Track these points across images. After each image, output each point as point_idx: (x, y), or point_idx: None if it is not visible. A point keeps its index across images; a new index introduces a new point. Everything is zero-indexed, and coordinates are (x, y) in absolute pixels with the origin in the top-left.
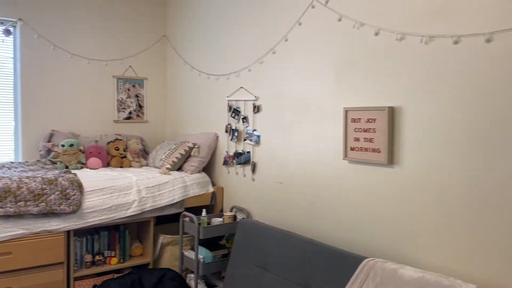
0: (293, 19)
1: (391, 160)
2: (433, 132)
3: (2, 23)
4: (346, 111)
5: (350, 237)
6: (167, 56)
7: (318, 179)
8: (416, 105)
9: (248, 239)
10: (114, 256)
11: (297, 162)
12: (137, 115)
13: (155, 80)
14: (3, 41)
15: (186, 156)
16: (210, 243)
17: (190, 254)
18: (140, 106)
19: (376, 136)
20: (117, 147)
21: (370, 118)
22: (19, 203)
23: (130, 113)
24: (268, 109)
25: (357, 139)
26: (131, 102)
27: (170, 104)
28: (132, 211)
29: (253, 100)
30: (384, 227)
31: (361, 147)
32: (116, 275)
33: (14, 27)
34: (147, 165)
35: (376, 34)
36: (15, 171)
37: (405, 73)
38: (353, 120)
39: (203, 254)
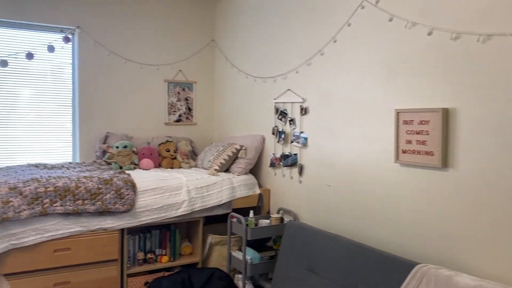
0: (342, 20)
1: (445, 163)
2: (490, 134)
3: (62, 31)
4: (398, 113)
5: (401, 242)
6: (215, 59)
7: (367, 182)
8: (473, 106)
9: (295, 241)
10: (165, 255)
11: (345, 164)
12: (187, 118)
13: (203, 83)
14: (62, 48)
15: (234, 158)
16: (257, 244)
17: (238, 254)
18: (189, 109)
19: (429, 138)
20: (167, 149)
21: (423, 120)
22: (77, 202)
23: (180, 115)
24: (316, 111)
25: (409, 142)
26: (181, 105)
27: (217, 107)
28: (182, 210)
29: (300, 102)
30: (437, 232)
31: (413, 150)
32: (166, 273)
33: (73, 34)
34: (196, 166)
35: (430, 33)
36: (73, 171)
37: (460, 73)
38: (405, 122)
39: (251, 255)
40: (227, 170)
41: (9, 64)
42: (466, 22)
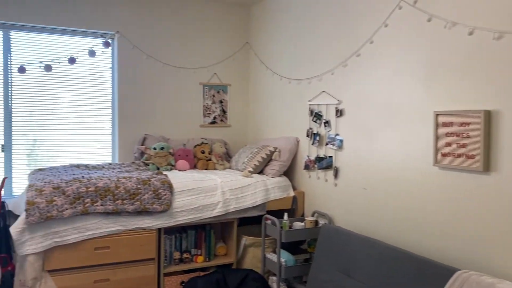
0: (379, 21)
1: (487, 166)
2: None
3: (102, 36)
4: (437, 115)
5: (439, 247)
6: (249, 62)
7: (405, 185)
8: None
9: (330, 244)
10: (200, 255)
11: (382, 167)
12: (221, 120)
13: (238, 86)
14: (103, 53)
15: (268, 160)
16: (291, 247)
17: (272, 256)
18: (224, 111)
19: (470, 141)
20: (203, 150)
21: (464, 122)
22: (117, 202)
23: (214, 118)
24: (352, 112)
25: (448, 144)
26: (216, 108)
27: (252, 109)
28: (217, 211)
29: (336, 103)
30: (478, 238)
31: (453, 153)
32: (201, 273)
33: (113, 39)
34: (230, 168)
35: (470, 33)
36: (113, 171)
37: (502, 74)
38: (445, 125)
39: (285, 257)
40: (261, 172)
41: (52, 68)
42: (509, 20)
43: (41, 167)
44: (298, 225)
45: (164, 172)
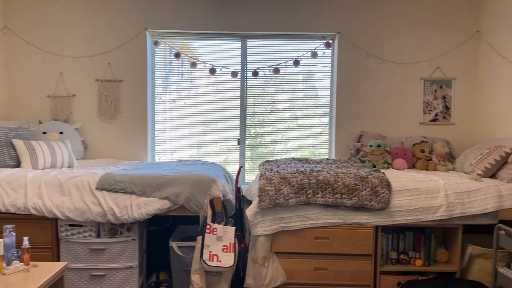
0: None
1: None
2: None
3: (324, 37)
4: None
5: None
6: (479, 53)
7: None
8: None
9: None
10: (419, 258)
11: None
12: (443, 117)
13: (464, 79)
14: (324, 53)
15: (502, 163)
16: None
17: (506, 272)
18: (447, 108)
19: None
20: (422, 150)
21: None
22: (336, 195)
23: (436, 115)
24: None
25: None
26: (438, 104)
27: (481, 105)
28: (438, 215)
29: None
30: None
31: None
32: (420, 277)
33: (333, 40)
34: (453, 169)
35: None
36: (331, 166)
37: None
38: None
39: None
40: (492, 176)
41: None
42: None
43: (268, 159)
44: None
45: (382, 170)
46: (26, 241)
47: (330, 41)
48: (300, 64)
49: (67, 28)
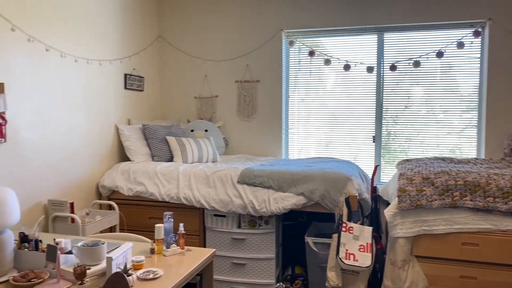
0: None
1: None
2: None
3: (471, 25)
4: None
5: None
6: None
7: None
8: None
9: None
10: None
11: None
12: None
13: None
14: (471, 43)
15: None
16: None
17: None
18: None
19: None
20: None
21: None
22: (487, 198)
23: None
24: None
25: None
26: None
27: None
28: None
29: None
30: None
31: None
32: None
33: (483, 27)
34: None
35: None
36: (481, 167)
37: None
38: None
39: None
40: None
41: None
42: None
43: (407, 158)
44: None
45: None
46: (181, 227)
47: (480, 29)
48: (446, 55)
49: (210, 34)
